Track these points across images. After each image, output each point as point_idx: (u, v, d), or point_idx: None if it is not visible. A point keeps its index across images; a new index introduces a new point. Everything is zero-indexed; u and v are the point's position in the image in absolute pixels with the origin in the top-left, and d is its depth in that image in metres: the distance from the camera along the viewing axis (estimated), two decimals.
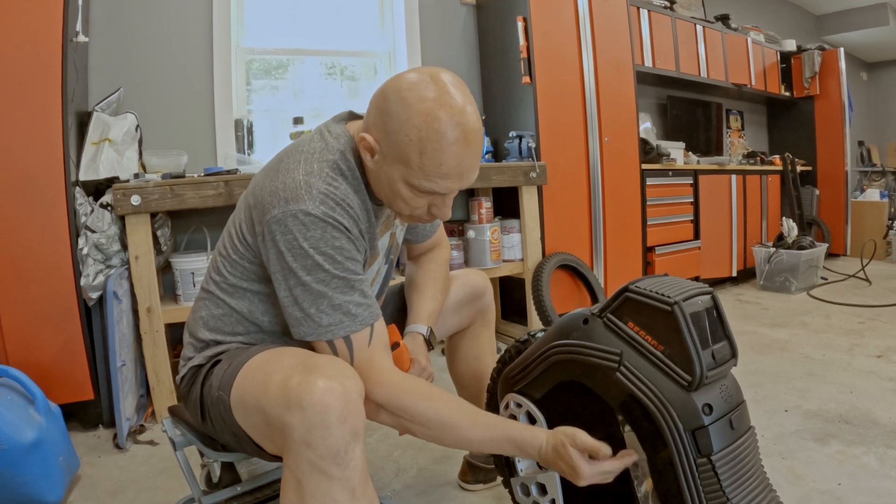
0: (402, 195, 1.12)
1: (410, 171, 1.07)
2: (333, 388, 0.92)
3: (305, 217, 1.04)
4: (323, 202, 1.06)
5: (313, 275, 1.05)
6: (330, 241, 1.06)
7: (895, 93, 8.52)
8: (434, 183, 1.08)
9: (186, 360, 1.26)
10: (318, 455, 0.90)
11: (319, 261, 1.05)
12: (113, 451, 2.09)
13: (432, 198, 1.14)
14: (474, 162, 1.10)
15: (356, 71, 3.58)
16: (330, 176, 1.10)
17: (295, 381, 0.93)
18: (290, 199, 1.05)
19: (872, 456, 1.89)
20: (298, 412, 0.90)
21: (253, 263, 1.17)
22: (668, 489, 1.08)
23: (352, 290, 1.08)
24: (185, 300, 2.41)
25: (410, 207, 1.14)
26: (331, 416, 0.90)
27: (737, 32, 5.12)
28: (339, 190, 1.10)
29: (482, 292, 1.64)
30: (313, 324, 1.06)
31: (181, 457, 1.34)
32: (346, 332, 1.06)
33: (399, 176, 1.10)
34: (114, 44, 2.66)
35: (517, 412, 1.33)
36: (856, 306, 3.96)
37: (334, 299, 1.06)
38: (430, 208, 1.16)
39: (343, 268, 1.07)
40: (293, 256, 1.05)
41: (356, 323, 1.07)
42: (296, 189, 1.06)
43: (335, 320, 1.06)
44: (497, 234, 3.21)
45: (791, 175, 5.33)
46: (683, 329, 1.07)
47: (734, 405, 1.12)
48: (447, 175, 1.07)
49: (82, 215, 2.17)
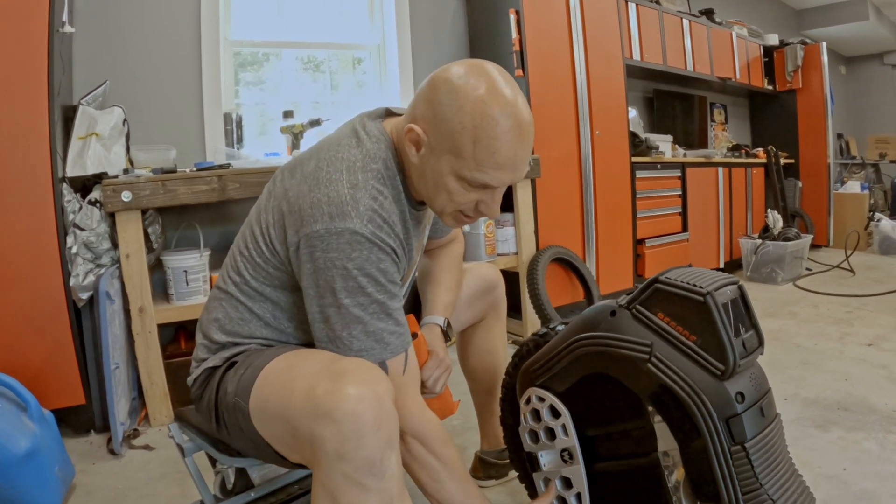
0: (449, 189, 1.06)
1: (462, 161, 1.02)
2: (365, 395, 0.86)
3: (352, 236, 0.99)
4: (370, 220, 1.01)
5: (353, 298, 1.00)
6: (375, 263, 1.01)
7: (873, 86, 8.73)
8: (486, 174, 1.03)
9: (200, 362, 1.21)
10: (353, 467, 0.85)
11: (363, 283, 1.00)
12: (108, 458, 2.02)
13: (481, 193, 1.08)
14: (527, 154, 1.06)
15: (334, 65, 3.52)
16: (376, 189, 1.05)
17: (322, 390, 0.87)
18: (336, 216, 0.99)
19: (873, 441, 1.93)
20: (329, 423, 0.85)
21: (279, 270, 1.11)
22: (701, 478, 1.07)
23: (388, 318, 1.03)
24: (177, 299, 2.34)
25: (456, 204, 1.09)
26: (364, 425, 0.85)
27: (721, 26, 5.16)
28: (384, 207, 1.04)
29: (494, 285, 1.62)
30: (343, 347, 1.02)
31: (191, 463, 1.29)
32: (378, 358, 1.02)
33: (449, 169, 1.04)
34: (99, 35, 2.58)
35: (540, 406, 1.31)
36: (842, 296, 4.01)
37: (369, 326, 1.01)
38: (477, 205, 1.10)
39: (384, 291, 1.02)
40: (334, 276, 0.99)
41: (387, 351, 1.03)
42: (341, 204, 1.00)
43: (366, 346, 1.01)
44: (491, 227, 3.20)
45: (775, 167, 5.39)
46: (717, 318, 1.06)
47: (763, 392, 1.12)
48: (500, 166, 1.02)
49: (70, 213, 2.10)
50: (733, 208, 4.94)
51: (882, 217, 5.71)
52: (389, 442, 0.88)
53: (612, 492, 1.26)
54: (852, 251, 5.08)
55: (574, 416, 1.27)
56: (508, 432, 1.47)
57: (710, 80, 5.00)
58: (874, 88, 8.74)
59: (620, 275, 3.85)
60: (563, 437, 1.28)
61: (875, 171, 7.62)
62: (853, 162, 7.49)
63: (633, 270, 3.94)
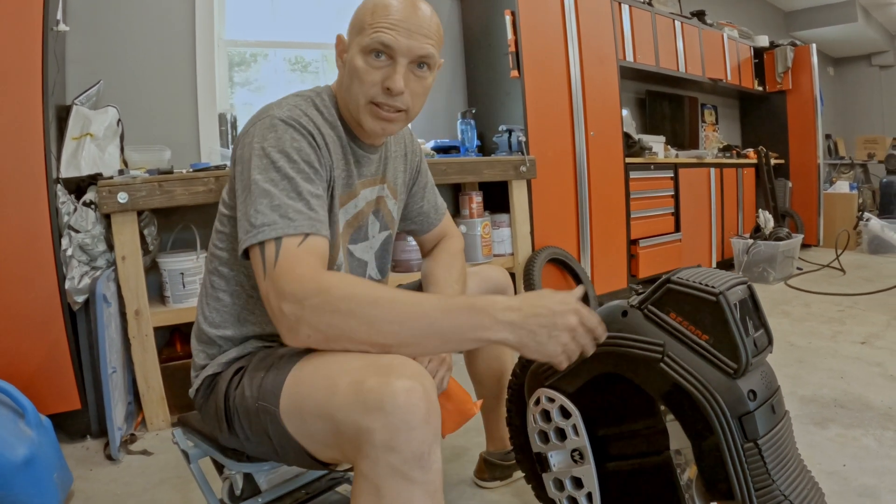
0: (358, 70, 1.13)
1: (363, 34, 1.12)
2: (415, 388, 0.86)
3: (270, 121, 1.08)
4: (290, 110, 1.10)
5: (264, 174, 1.03)
6: (290, 142, 1.06)
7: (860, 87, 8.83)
8: (382, 32, 1.10)
9: (199, 370, 1.20)
10: (402, 459, 0.84)
11: (275, 158, 1.04)
12: (105, 463, 1.99)
13: (386, 70, 1.13)
14: (421, 24, 1.13)
15: (320, 66, 3.49)
16: (301, 102, 1.15)
17: (372, 384, 0.86)
18: (262, 112, 1.11)
19: (871, 438, 1.96)
20: (380, 415, 0.84)
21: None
22: (714, 475, 1.09)
23: (298, 197, 1.02)
24: (173, 302, 2.31)
25: (365, 86, 1.13)
26: (416, 416, 0.84)
27: (713, 28, 5.20)
28: (307, 112, 1.13)
29: (504, 288, 1.60)
30: (248, 225, 1.00)
31: (196, 469, 1.27)
32: (279, 233, 0.98)
33: (357, 49, 1.13)
34: (93, 34, 2.54)
35: (549, 407, 1.31)
36: (834, 295, 4.04)
37: (275, 199, 1.01)
38: (383, 82, 1.13)
39: (297, 168, 1.05)
40: (251, 158, 1.05)
41: (290, 227, 0.99)
42: (268, 106, 1.12)
43: (269, 220, 0.99)
44: (488, 228, 3.19)
45: (766, 168, 5.42)
46: (729, 318, 1.08)
47: (773, 390, 1.14)
48: (395, 24, 1.10)
49: (65, 214, 2.07)
50: (725, 208, 4.97)
51: (871, 217, 5.77)
52: (436, 435, 0.88)
53: (624, 491, 1.26)
54: (842, 251, 5.12)
55: (584, 416, 1.27)
56: (515, 433, 1.47)
57: (701, 81, 5.03)
58: (862, 89, 8.86)
59: (615, 275, 3.86)
60: (573, 437, 1.28)
61: (864, 171, 7.70)
62: (842, 162, 7.57)
63: (627, 270, 3.95)
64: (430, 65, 1.17)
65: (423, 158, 1.52)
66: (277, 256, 0.97)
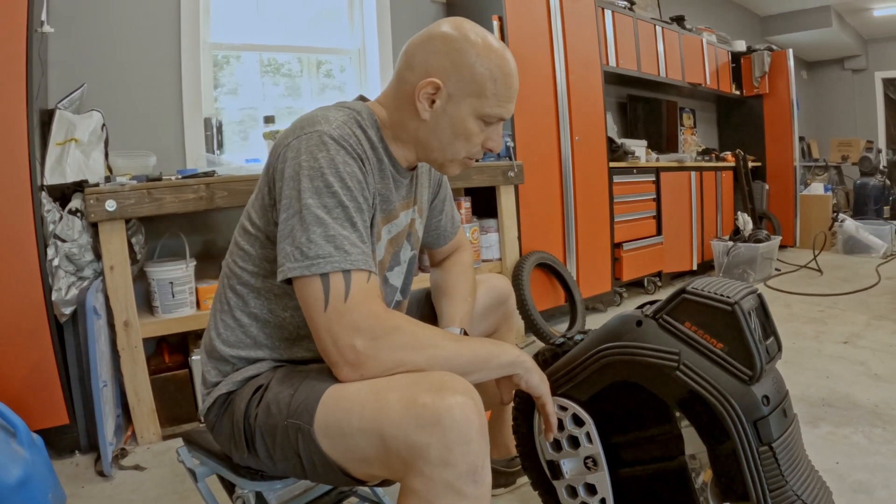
0: (469, 132, 1.15)
1: (484, 101, 1.13)
2: (468, 403, 0.88)
3: (321, 137, 1.03)
4: (340, 128, 1.06)
5: (317, 198, 0.99)
6: (343, 164, 1.02)
7: (833, 91, 9.02)
8: (503, 107, 1.15)
9: (211, 387, 1.17)
10: (457, 474, 0.85)
11: (330, 180, 1.00)
12: (97, 480, 1.93)
13: (489, 130, 1.18)
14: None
15: (294, 69, 3.46)
16: (348, 120, 1.10)
17: (426, 400, 0.88)
18: (307, 125, 1.05)
19: (861, 435, 2.02)
20: (437, 430, 0.85)
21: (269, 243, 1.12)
22: (730, 478, 1.10)
23: (352, 228, 1.00)
24: (162, 312, 2.27)
25: (471, 146, 1.17)
26: (472, 430, 0.87)
27: (692, 33, 5.26)
28: (355, 132, 1.09)
29: (507, 297, 1.61)
30: (298, 254, 0.97)
31: (204, 488, 1.24)
32: (336, 266, 0.96)
33: (470, 111, 1.13)
34: (76, 36, 2.48)
35: (562, 415, 1.30)
36: (813, 295, 4.12)
37: (330, 229, 0.98)
38: (485, 143, 1.19)
39: (350, 196, 1.01)
40: (301, 177, 1.00)
41: (347, 261, 0.97)
42: (313, 119, 1.07)
43: (325, 252, 0.96)
44: (476, 234, 3.19)
45: (743, 171, 5.50)
46: (744, 327, 1.10)
47: (784, 394, 1.16)
48: (512, 98, 1.17)
49: (50, 223, 2.01)
50: (704, 211, 5.02)
51: (846, 218, 5.88)
52: (488, 450, 0.91)
53: (638, 496, 1.27)
54: (819, 251, 5.21)
55: (597, 423, 1.27)
56: (522, 441, 1.46)
57: (681, 85, 5.09)
58: (835, 92, 9.03)
59: (600, 278, 3.88)
60: (587, 444, 1.28)
61: (838, 173, 7.85)
62: (816, 164, 7.71)
63: (612, 274, 3.97)
64: None
65: None
66: (348, 291, 0.96)
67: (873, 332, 3.17)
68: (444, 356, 1.01)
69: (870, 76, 8.77)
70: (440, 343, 1.02)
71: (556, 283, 3.53)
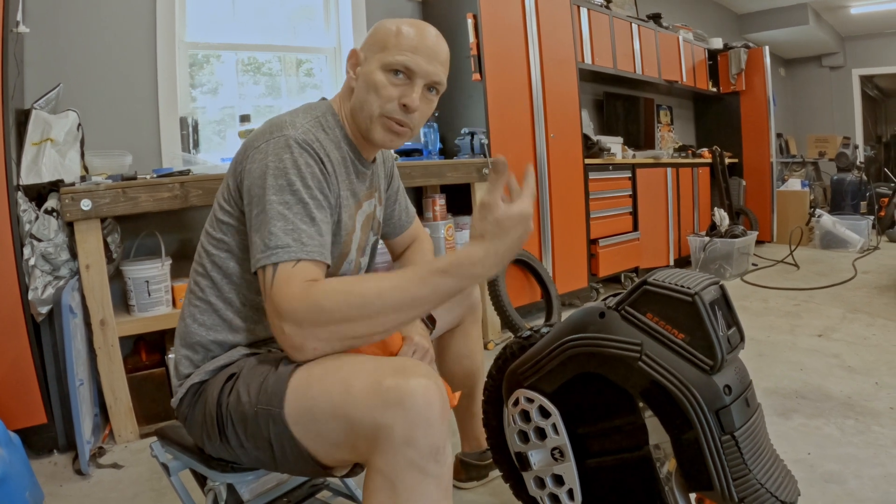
0: (377, 85, 1.19)
1: (386, 52, 1.19)
2: (431, 386, 0.92)
3: (286, 140, 1.10)
4: (305, 133, 1.13)
5: (279, 195, 1.06)
6: (304, 166, 1.09)
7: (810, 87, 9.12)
8: (405, 55, 1.18)
9: (183, 379, 1.19)
10: (419, 453, 0.89)
11: (292, 179, 1.07)
12: (75, 478, 1.93)
13: (403, 88, 1.20)
14: (438, 53, 1.23)
15: (275, 67, 3.46)
16: (313, 124, 1.18)
17: (390, 383, 0.92)
18: (274, 130, 1.13)
19: (833, 426, 2.04)
20: (399, 411, 0.89)
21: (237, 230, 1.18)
22: (693, 467, 1.12)
23: (311, 223, 1.07)
24: (138, 311, 2.27)
25: (383, 100, 1.19)
26: (434, 412, 0.91)
27: (668, 31, 5.31)
28: (319, 137, 1.16)
29: (471, 289, 1.63)
30: (264, 247, 1.03)
31: (177, 482, 1.25)
32: (293, 256, 1.02)
33: (377, 65, 1.19)
34: (51, 36, 2.47)
35: (529, 407, 1.33)
36: (789, 290, 4.17)
37: (289, 224, 1.05)
38: (400, 100, 1.20)
39: (311, 194, 1.08)
40: (266, 176, 1.07)
41: (303, 251, 1.03)
42: (280, 124, 1.14)
43: (283, 243, 1.03)
44: (451, 230, 3.21)
45: (720, 167, 5.56)
46: (704, 317, 1.11)
47: (746, 384, 1.18)
48: (418, 49, 1.19)
49: (26, 223, 2.01)
50: (681, 207, 5.07)
51: (822, 213, 5.96)
52: (449, 432, 0.94)
53: (604, 486, 1.29)
54: (795, 246, 5.27)
55: (564, 415, 1.29)
56: (492, 434, 1.48)
57: (658, 82, 5.13)
58: (812, 89, 9.14)
59: (575, 274, 3.91)
60: (553, 436, 1.30)
61: (815, 168, 7.94)
62: (793, 160, 7.79)
63: (588, 270, 4.00)
64: (439, 90, 1.27)
65: (395, 163, 1.57)
66: (273, 280, 1.01)
67: (848, 325, 3.21)
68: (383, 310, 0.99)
69: (847, 73, 8.88)
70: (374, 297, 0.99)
71: (532, 279, 3.56)
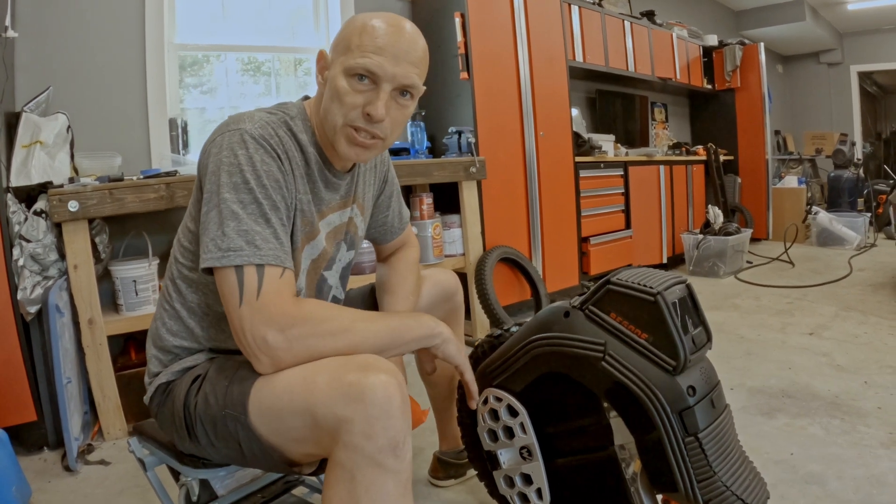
0: (339, 91, 1.10)
1: (349, 55, 1.10)
2: (391, 382, 0.93)
3: (242, 135, 1.06)
4: (262, 128, 1.08)
5: (234, 193, 1.02)
6: (261, 163, 1.05)
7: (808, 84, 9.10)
8: (368, 57, 1.08)
9: (153, 377, 1.21)
10: (378, 447, 0.90)
11: (247, 177, 1.03)
12: (63, 475, 1.96)
13: (368, 94, 1.11)
14: (409, 52, 1.12)
15: (274, 67, 3.47)
16: (273, 120, 1.12)
17: (352, 378, 0.93)
18: (232, 124, 1.08)
19: (818, 426, 2.01)
20: (360, 405, 0.91)
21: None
22: (657, 469, 1.11)
23: (266, 224, 1.03)
24: (126, 310, 2.30)
25: (346, 108, 1.11)
26: (393, 407, 0.91)
27: (662, 28, 5.30)
28: (279, 134, 1.11)
29: (453, 292, 1.63)
30: (213, 245, 1.01)
31: (153, 477, 1.28)
32: (245, 260, 0.99)
33: (340, 69, 1.11)
34: (41, 40, 2.50)
35: (497, 406, 1.34)
36: (783, 287, 4.16)
37: (243, 224, 1.01)
38: (364, 107, 1.11)
39: (265, 193, 1.04)
40: (221, 173, 1.04)
41: (257, 256, 1.00)
42: (239, 118, 1.10)
43: (235, 245, 1.00)
44: (439, 229, 3.21)
45: (715, 164, 5.56)
46: (667, 317, 1.10)
47: (713, 385, 1.17)
48: (381, 49, 1.09)
49: (16, 224, 2.03)
50: (675, 205, 5.07)
51: (819, 210, 5.93)
52: (409, 426, 0.95)
53: (572, 486, 1.29)
54: (791, 244, 5.26)
55: (532, 414, 1.30)
56: (466, 432, 1.49)
57: (651, 80, 5.12)
58: (810, 86, 9.12)
59: (566, 273, 3.92)
60: (521, 435, 1.31)
61: (812, 165, 7.93)
62: (790, 157, 7.78)
63: (579, 268, 4.01)
64: (413, 94, 1.17)
65: (391, 167, 1.51)
66: (261, 287, 1.00)
67: (840, 324, 3.19)
68: (359, 338, 1.04)
69: (845, 70, 8.85)
70: (353, 326, 1.04)
71: (522, 277, 3.57)
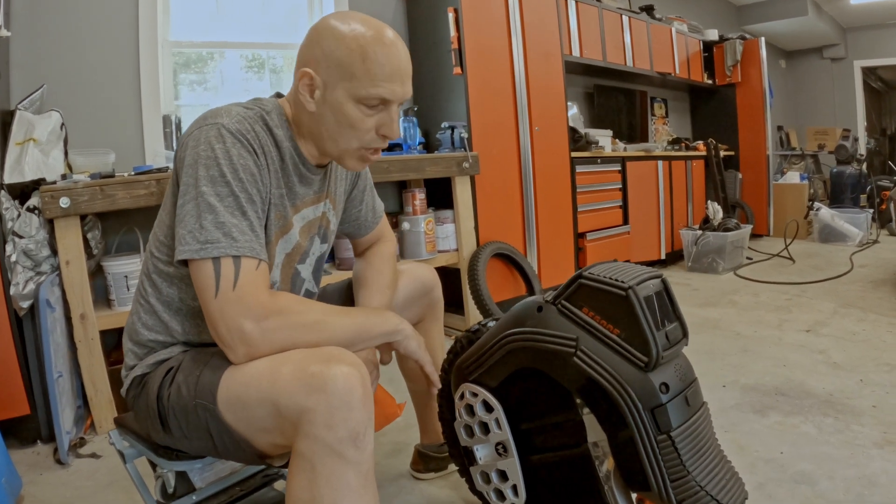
0: (351, 119, 1.13)
1: (356, 82, 1.11)
2: (353, 373, 0.95)
3: (219, 130, 1.07)
4: (239, 123, 1.09)
5: (211, 186, 1.04)
6: (238, 157, 1.07)
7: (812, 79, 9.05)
8: (381, 87, 1.11)
9: (129, 370, 1.23)
10: (338, 437, 0.92)
11: (224, 170, 1.05)
12: (55, 468, 1.99)
13: (380, 116, 1.15)
14: (408, 68, 1.16)
15: (278, 63, 3.49)
16: (249, 115, 1.14)
17: (314, 369, 0.95)
18: (209, 118, 1.09)
19: (810, 425, 1.98)
20: (321, 395, 0.92)
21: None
22: (630, 467, 1.11)
23: (242, 216, 1.05)
24: (118, 305, 2.31)
25: (360, 134, 1.15)
26: (354, 398, 0.93)
27: (661, 22, 5.27)
28: (254, 127, 1.12)
29: (431, 287, 1.63)
30: (191, 239, 1.03)
31: (132, 469, 1.29)
32: (223, 252, 1.01)
33: (346, 96, 1.12)
34: (35, 38, 2.51)
35: (473, 401, 1.34)
36: (782, 284, 4.13)
37: (220, 216, 1.03)
38: (378, 130, 1.16)
39: (242, 187, 1.06)
40: (198, 166, 1.05)
41: (234, 248, 1.02)
42: (216, 112, 1.11)
43: (213, 237, 1.02)
44: (431, 224, 3.21)
45: (715, 160, 5.53)
46: (638, 312, 1.10)
47: (688, 382, 1.16)
48: (391, 76, 1.11)
49: (9, 220, 2.05)
50: (674, 200, 5.05)
51: (821, 206, 5.89)
52: (370, 419, 0.97)
53: (547, 483, 1.29)
54: (791, 240, 5.23)
55: (507, 410, 1.30)
56: (446, 427, 1.49)
57: (650, 74, 5.10)
58: (813, 81, 9.06)
59: (562, 269, 3.91)
60: (496, 430, 1.31)
61: (814, 161, 7.88)
62: (793, 153, 7.73)
63: (575, 264, 4.00)
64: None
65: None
66: (237, 278, 1.02)
67: (839, 321, 3.16)
68: (329, 332, 1.08)
69: (849, 65, 8.79)
70: (324, 319, 1.09)
71: (517, 273, 3.57)
